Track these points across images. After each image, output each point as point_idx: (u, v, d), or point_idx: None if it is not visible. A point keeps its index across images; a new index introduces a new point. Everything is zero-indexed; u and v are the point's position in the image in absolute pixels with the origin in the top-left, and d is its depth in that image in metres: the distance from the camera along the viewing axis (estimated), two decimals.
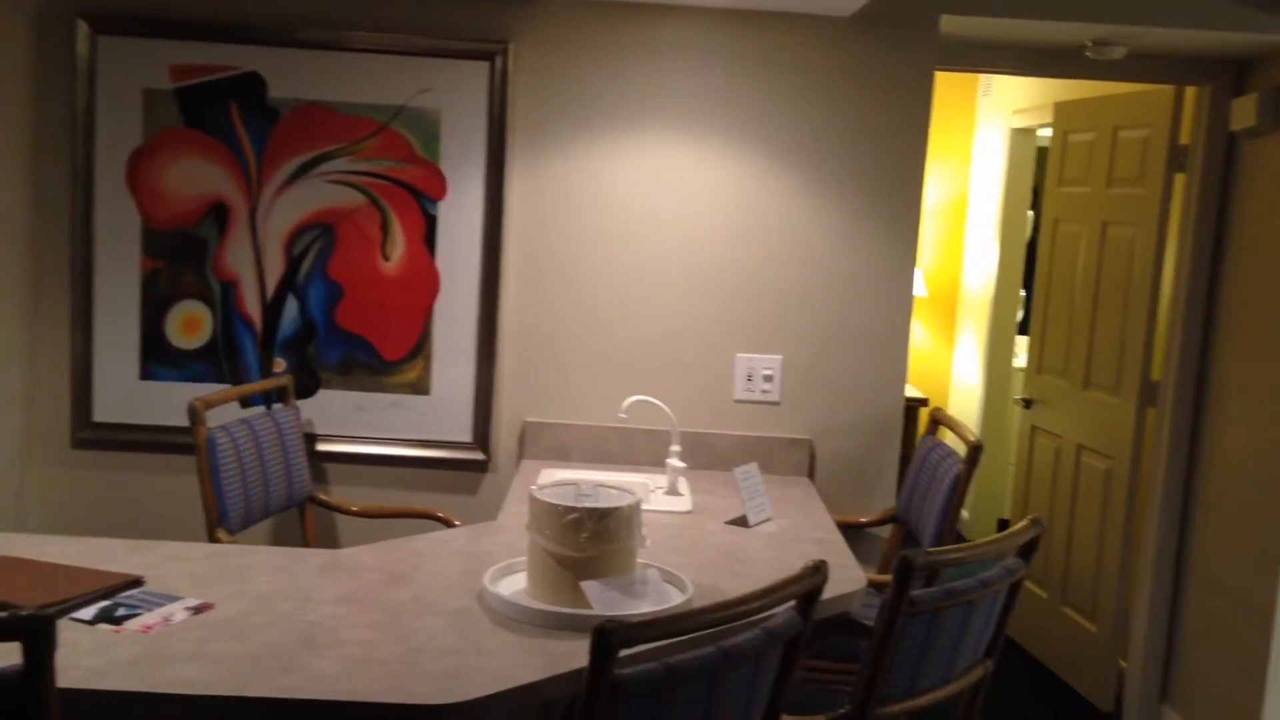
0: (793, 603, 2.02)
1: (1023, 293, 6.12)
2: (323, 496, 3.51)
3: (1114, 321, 4.27)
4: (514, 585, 2.44)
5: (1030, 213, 6.04)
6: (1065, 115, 4.67)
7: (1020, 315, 6.08)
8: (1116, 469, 4.22)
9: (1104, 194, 4.39)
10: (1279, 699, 3.47)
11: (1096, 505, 4.34)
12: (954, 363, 6.58)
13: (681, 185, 3.51)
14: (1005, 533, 2.37)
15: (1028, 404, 4.86)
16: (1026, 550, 2.42)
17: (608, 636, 1.69)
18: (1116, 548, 4.20)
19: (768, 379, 3.56)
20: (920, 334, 6.58)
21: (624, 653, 1.74)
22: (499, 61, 3.44)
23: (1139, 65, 3.80)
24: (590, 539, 2.33)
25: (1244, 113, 3.67)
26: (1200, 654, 3.90)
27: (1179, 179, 4.01)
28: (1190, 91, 3.96)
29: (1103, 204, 4.39)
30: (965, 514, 6.16)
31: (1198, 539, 3.95)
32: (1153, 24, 3.35)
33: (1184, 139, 3.99)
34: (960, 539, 5.35)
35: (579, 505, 2.35)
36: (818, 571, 2.02)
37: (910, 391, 6.16)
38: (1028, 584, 4.79)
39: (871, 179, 3.49)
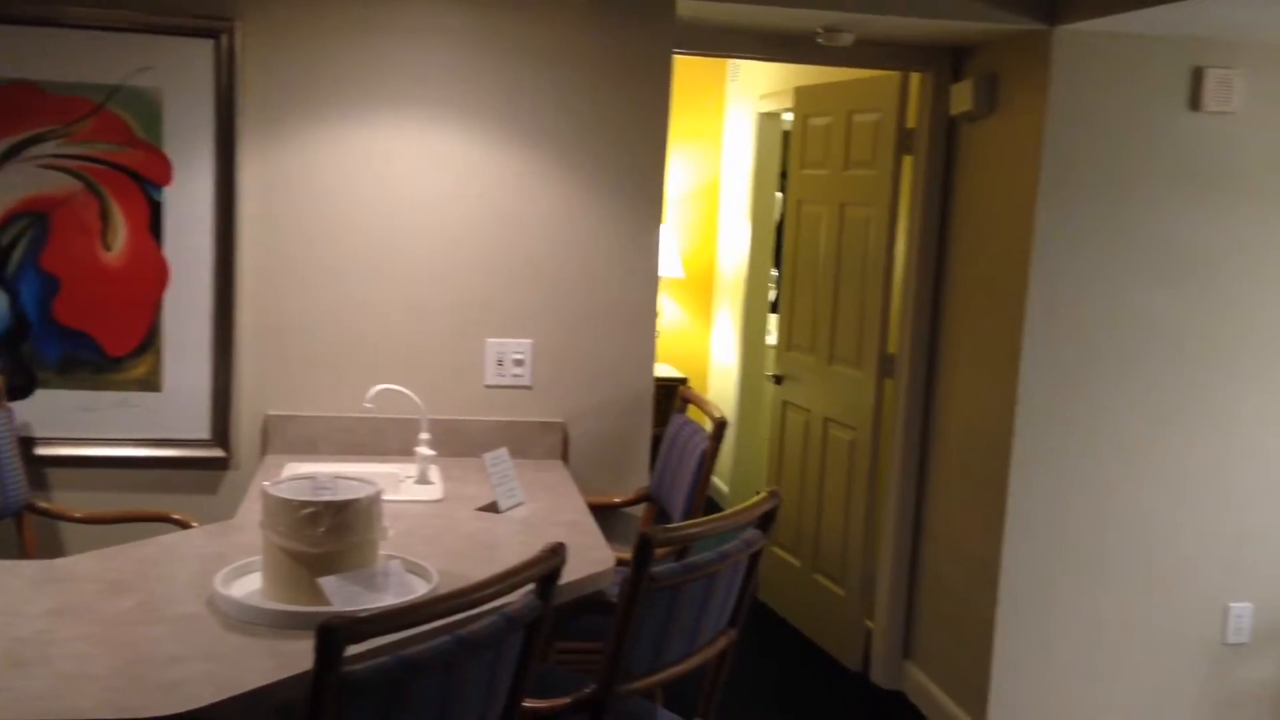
0: (532, 586, 2.01)
1: (775, 272, 6.31)
2: (42, 504, 3.28)
3: (854, 298, 4.46)
4: (249, 586, 2.33)
5: (779, 194, 6.23)
6: (804, 100, 4.84)
7: (773, 294, 6.27)
8: (860, 440, 4.42)
9: (841, 176, 4.57)
10: (1005, 649, 3.71)
11: (843, 475, 4.53)
12: (712, 342, 6.74)
13: (425, 168, 3.44)
14: (742, 505, 2.43)
15: (778, 380, 5.02)
16: (765, 521, 2.49)
17: (332, 634, 1.64)
18: (861, 515, 4.40)
19: (519, 363, 3.54)
20: (678, 314, 6.70)
21: (354, 649, 1.69)
22: (225, 40, 3.28)
23: (867, 52, 3.96)
24: (328, 533, 2.25)
25: (961, 98, 3.89)
26: (937, 612, 4.12)
27: (907, 161, 4.22)
28: (915, 77, 4.16)
29: (841, 185, 4.57)
30: (725, 488, 6.33)
31: (932, 504, 4.18)
32: (878, 12, 3.50)
33: (911, 123, 4.19)
34: (713, 513, 5.48)
35: (316, 499, 2.27)
36: (555, 554, 2.01)
37: (670, 371, 6.27)
38: (781, 553, 4.96)
39: (616, 161, 3.52)
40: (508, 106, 3.45)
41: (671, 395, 6.00)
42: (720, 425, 3.25)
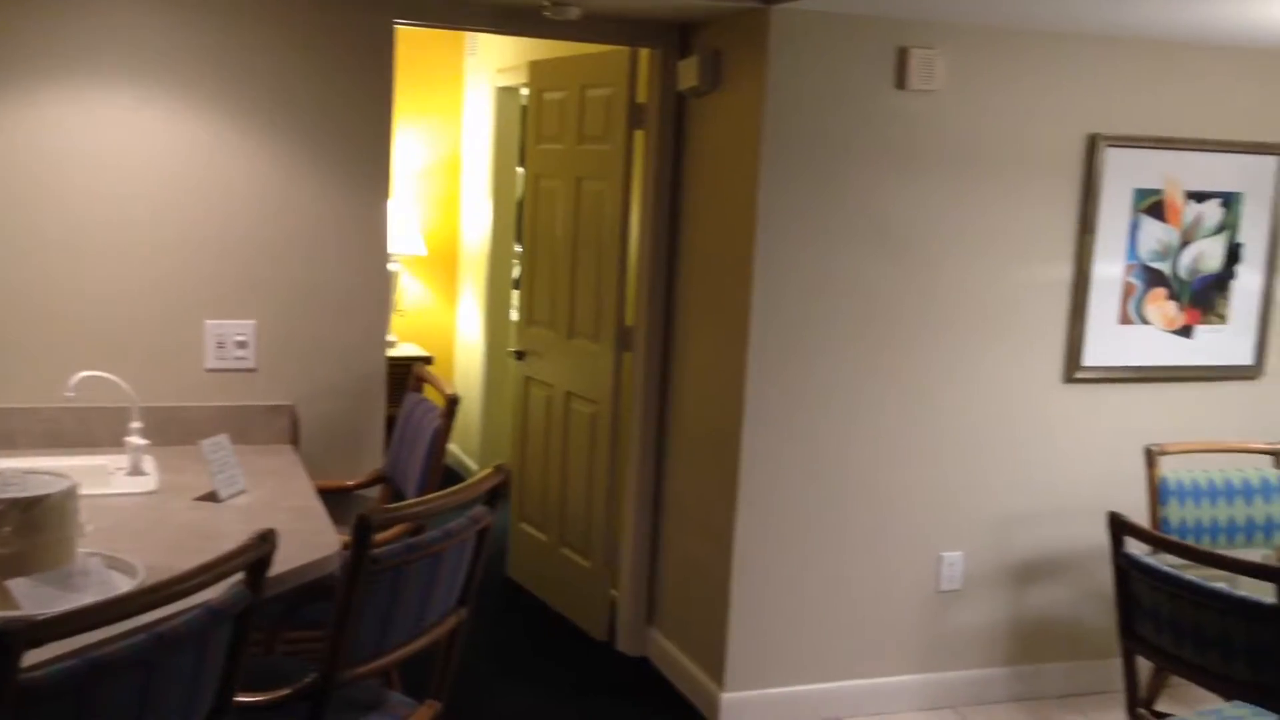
0: (241, 576, 1.93)
1: (518, 248, 6.29)
2: None
3: (591, 272, 4.49)
4: None
5: (520, 170, 6.20)
6: (539, 74, 4.83)
7: (517, 270, 6.25)
8: (601, 413, 4.46)
9: (577, 150, 4.59)
10: (740, 610, 3.84)
11: (586, 449, 4.57)
12: (458, 319, 6.66)
13: (134, 143, 3.24)
14: (467, 482, 2.41)
15: (520, 356, 5.01)
16: (493, 497, 2.48)
17: (6, 639, 1.52)
18: (604, 488, 4.45)
19: (241, 345, 3.39)
20: (422, 292, 6.59)
21: (39, 654, 1.58)
22: None
23: (596, 26, 3.98)
24: (15, 532, 2.10)
25: (688, 74, 3.96)
26: (678, 579, 4.22)
27: (639, 135, 4.27)
28: (645, 53, 4.22)
29: (576, 160, 4.59)
30: (475, 466, 6.29)
31: (671, 474, 4.27)
32: None
33: (641, 98, 4.25)
34: None
35: (1, 496, 2.10)
36: (265, 541, 1.94)
37: (415, 350, 6.17)
38: (528, 529, 4.96)
39: (338, 136, 3.41)
40: (222, 79, 3.29)
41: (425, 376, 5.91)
42: (452, 403, 3.21)
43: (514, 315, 6.23)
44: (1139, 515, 3.61)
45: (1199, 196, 4.11)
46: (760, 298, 3.71)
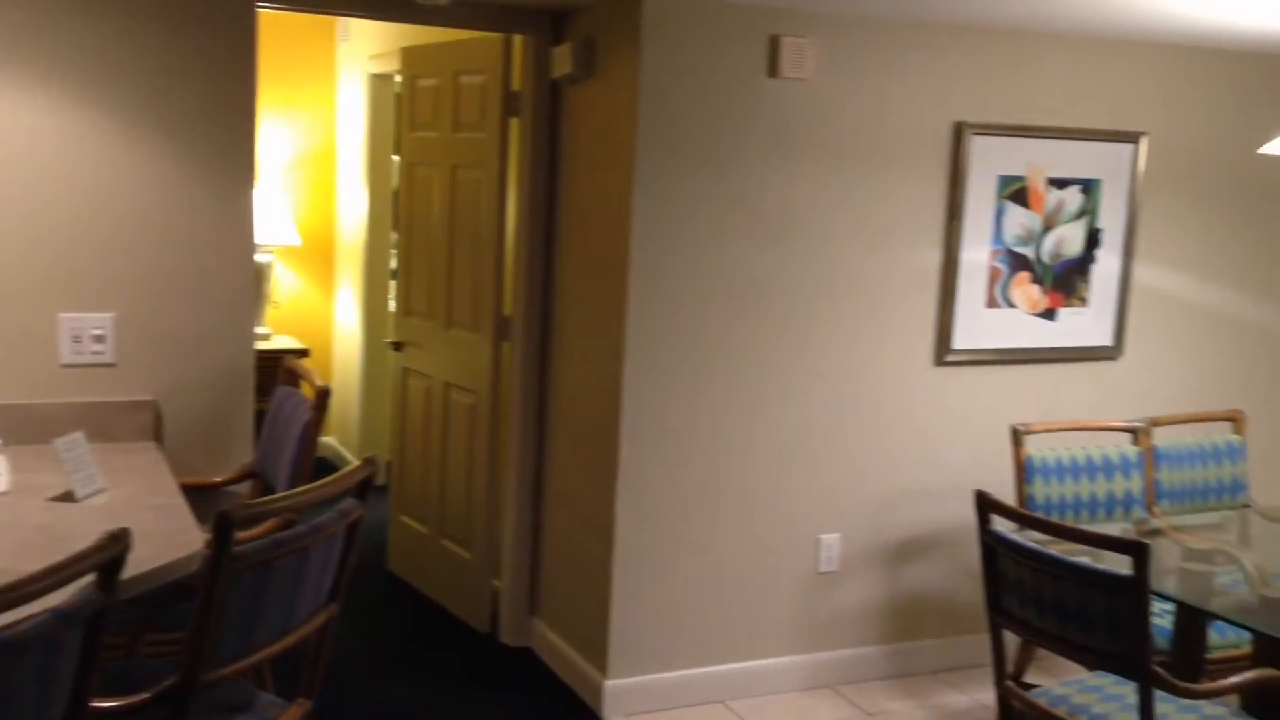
0: (92, 577, 1.86)
1: (396, 237, 6.19)
2: None
3: (468, 262, 4.45)
4: None
5: (396, 158, 6.10)
6: (411, 61, 4.75)
7: (395, 260, 6.15)
8: (480, 404, 4.42)
9: (452, 138, 4.53)
10: (622, 598, 3.84)
11: (465, 440, 4.52)
12: (335, 311, 6.54)
13: None
14: (335, 475, 2.36)
15: (398, 347, 4.94)
16: (362, 490, 2.43)
17: None
18: (484, 478, 4.41)
19: (99, 339, 3.27)
20: (298, 283, 6.45)
21: None
22: None
23: (467, 12, 3.93)
24: None
25: (562, 61, 3.94)
26: (560, 569, 4.21)
27: (515, 123, 4.23)
28: (518, 39, 4.18)
29: (451, 148, 4.53)
30: (353, 459, 6.17)
31: (552, 463, 4.25)
32: None
33: (516, 85, 4.21)
34: None
35: None
36: (116, 541, 1.87)
37: (290, 342, 6.03)
38: (409, 521, 4.90)
39: (199, 123, 3.31)
40: (72, 61, 3.16)
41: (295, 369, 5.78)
42: (323, 395, 3.14)
43: (393, 306, 6.13)
44: (1007, 493, 3.71)
45: (1060, 183, 4.23)
46: (637, 286, 3.71)
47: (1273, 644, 3.04)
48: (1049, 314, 4.30)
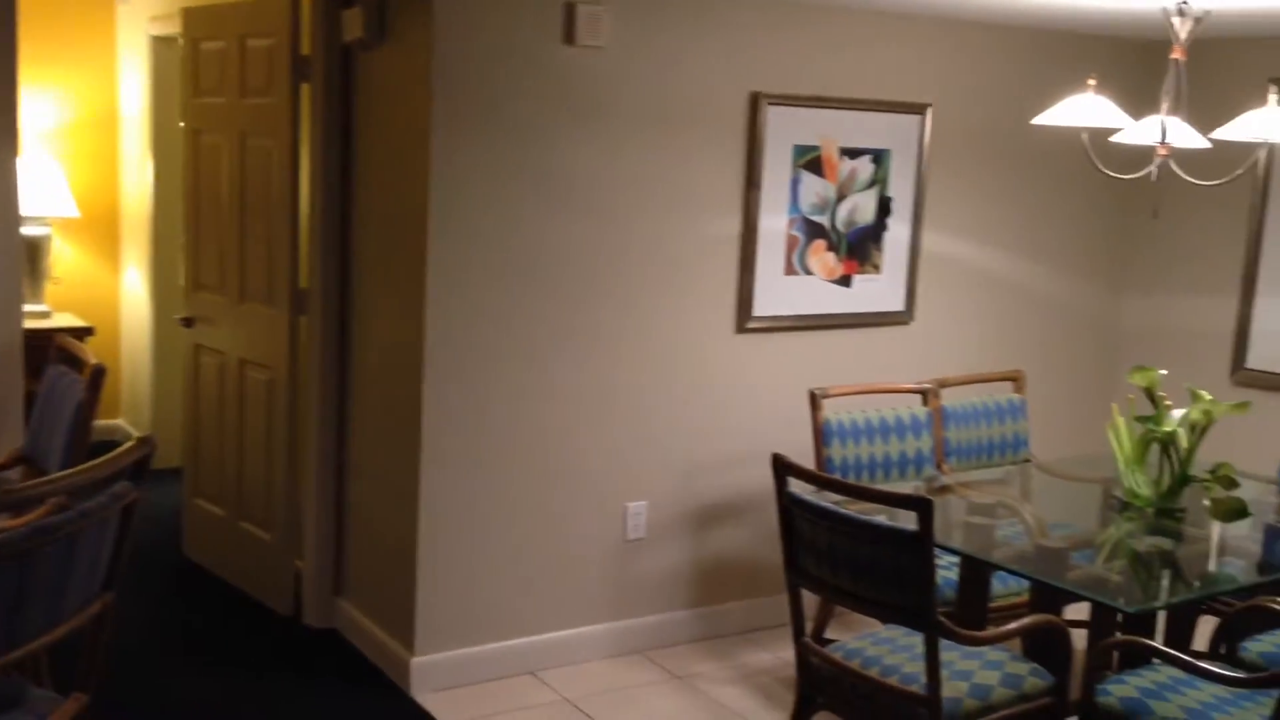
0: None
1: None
2: None
3: (261, 233, 4.28)
4: None
5: (183, 124, 5.82)
6: (194, 22, 4.53)
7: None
8: (277, 379, 4.27)
9: (240, 104, 4.34)
10: (428, 573, 3.79)
11: (262, 418, 4.36)
12: (122, 286, 6.21)
13: None
14: (106, 456, 2.24)
15: (189, 323, 4.72)
16: (137, 471, 2.31)
17: None
18: (283, 457, 4.27)
19: None
20: (80, 258, 6.10)
21: None
22: None
23: None
24: None
25: (353, 24, 3.82)
26: (365, 546, 4.12)
27: (306, 89, 4.08)
28: (307, 1, 4.03)
29: (239, 114, 4.34)
30: None
31: (354, 439, 4.15)
32: None
33: (306, 49, 4.06)
34: None
35: None
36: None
37: (72, 320, 5.70)
38: (205, 504, 4.71)
39: None
40: None
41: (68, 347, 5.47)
42: (97, 374, 2.97)
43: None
44: (806, 456, 3.81)
45: (852, 153, 4.35)
46: (436, 256, 3.64)
47: (1048, 590, 3.22)
48: (844, 280, 4.43)
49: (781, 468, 3.01)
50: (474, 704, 3.75)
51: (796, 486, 3.00)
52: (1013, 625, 2.92)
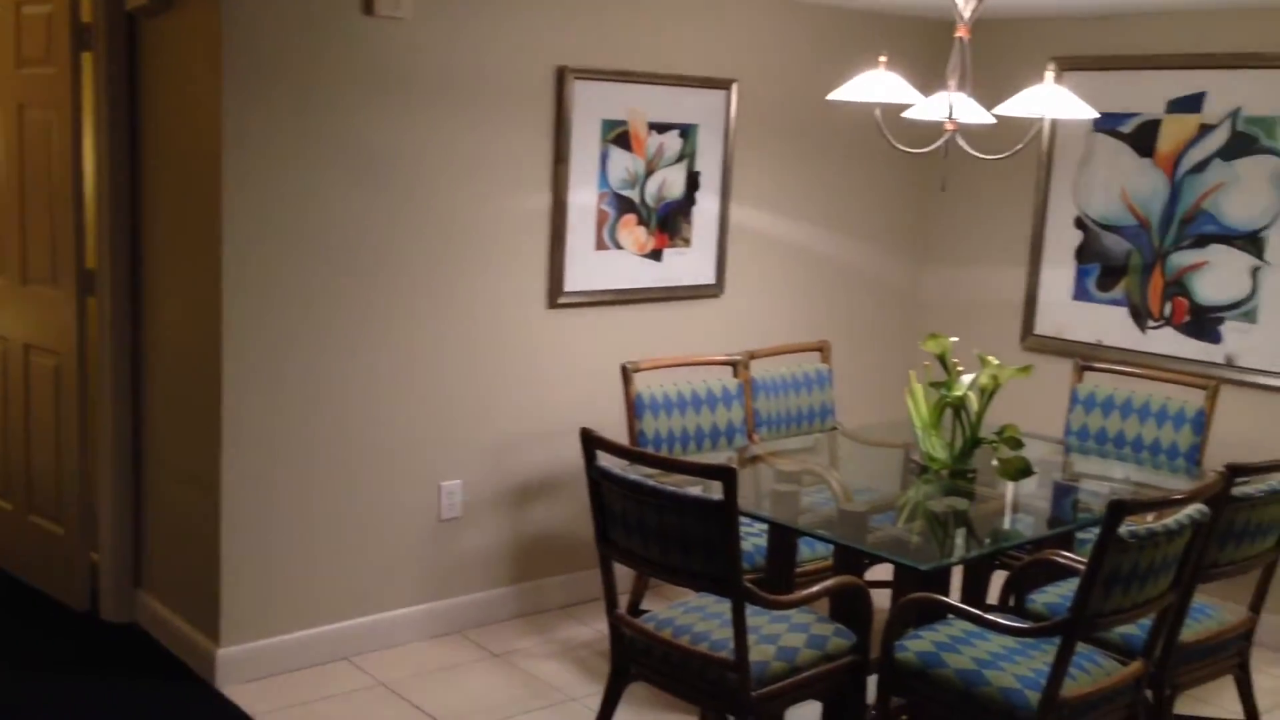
0: None
1: None
2: None
3: (43, 211, 4.05)
4: None
5: None
6: None
7: None
8: (65, 365, 4.05)
9: (16, 75, 4.09)
10: (233, 562, 3.67)
11: (50, 406, 4.14)
12: None
13: None
14: None
15: None
16: None
17: None
18: (75, 446, 4.06)
19: None
20: None
21: None
22: None
23: None
24: None
25: None
26: (165, 535, 3.96)
27: (88, 58, 3.87)
28: None
29: (15, 85, 4.09)
30: None
31: (151, 426, 3.98)
32: None
33: (86, 17, 3.84)
34: None
35: None
36: None
37: None
38: None
39: None
40: None
41: None
42: None
43: None
44: (621, 430, 3.84)
45: (660, 128, 4.38)
46: (232, 233, 3.51)
47: (849, 553, 3.33)
48: (655, 255, 4.47)
49: (590, 442, 3.02)
50: (285, 693, 3.66)
51: (607, 460, 3.01)
52: (815, 588, 3.01)
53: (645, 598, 3.98)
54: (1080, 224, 4.85)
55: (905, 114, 3.43)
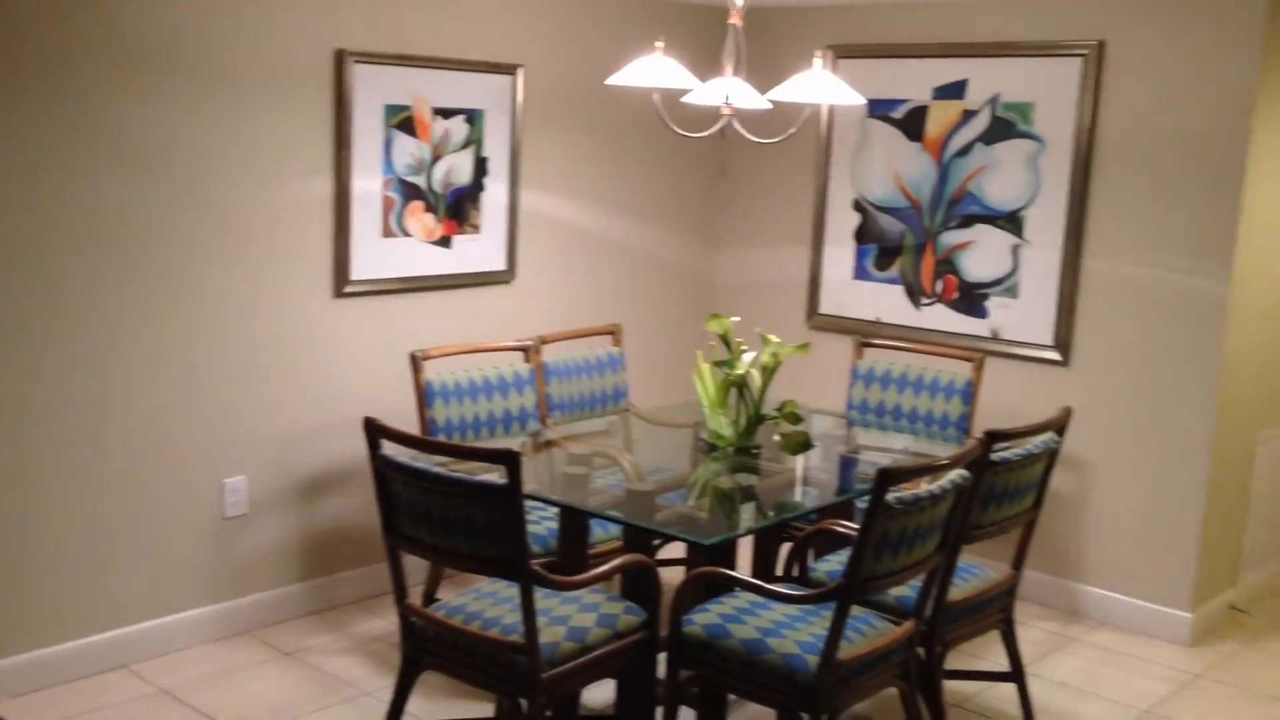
0: None
1: None
2: None
3: None
4: None
5: None
6: None
7: None
8: None
9: None
10: None
11: None
12: None
13: None
14: None
15: None
16: None
17: None
18: None
19: None
20: None
21: None
22: None
23: None
24: None
25: None
26: None
27: None
28: None
29: None
30: None
31: None
32: None
33: None
34: None
35: None
36: None
37: None
38: None
39: None
40: None
41: None
42: None
43: None
44: (412, 419, 3.79)
45: (446, 113, 4.33)
46: None
47: (637, 532, 3.37)
48: (444, 241, 4.42)
49: (373, 431, 2.97)
50: (55, 707, 3.47)
51: (393, 449, 2.97)
52: (602, 569, 3.03)
53: (441, 587, 3.95)
54: (859, 206, 5.04)
55: (684, 99, 3.49)
